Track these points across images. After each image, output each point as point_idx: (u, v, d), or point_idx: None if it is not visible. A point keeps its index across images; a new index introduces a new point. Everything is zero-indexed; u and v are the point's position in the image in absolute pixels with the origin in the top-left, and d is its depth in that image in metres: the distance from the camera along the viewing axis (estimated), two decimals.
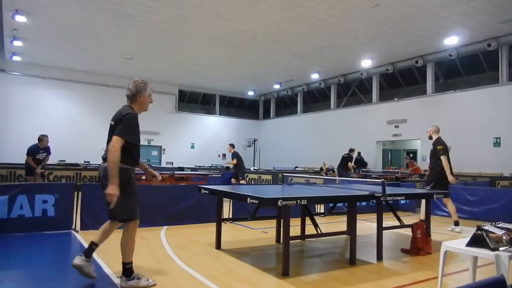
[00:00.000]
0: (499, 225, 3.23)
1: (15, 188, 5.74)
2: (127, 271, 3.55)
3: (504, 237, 3.04)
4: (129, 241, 3.59)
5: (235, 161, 12.05)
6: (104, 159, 3.50)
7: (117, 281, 3.67)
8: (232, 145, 12.49)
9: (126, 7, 11.22)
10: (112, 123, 3.54)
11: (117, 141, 3.36)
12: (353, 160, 14.04)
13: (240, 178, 12.22)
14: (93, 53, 16.08)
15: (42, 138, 9.06)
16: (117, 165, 3.33)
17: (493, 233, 3.08)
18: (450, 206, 7.00)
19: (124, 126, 3.42)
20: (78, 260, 3.48)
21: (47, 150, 9.19)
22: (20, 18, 11.92)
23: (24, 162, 9.15)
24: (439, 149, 6.94)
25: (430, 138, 7.34)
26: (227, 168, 13.12)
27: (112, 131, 3.50)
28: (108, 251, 4.78)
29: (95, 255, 4.60)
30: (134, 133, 3.52)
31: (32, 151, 8.93)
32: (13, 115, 17.70)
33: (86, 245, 5.04)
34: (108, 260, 4.37)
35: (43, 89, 18.41)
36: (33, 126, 17.95)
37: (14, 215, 5.59)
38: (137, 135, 3.59)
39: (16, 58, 16.68)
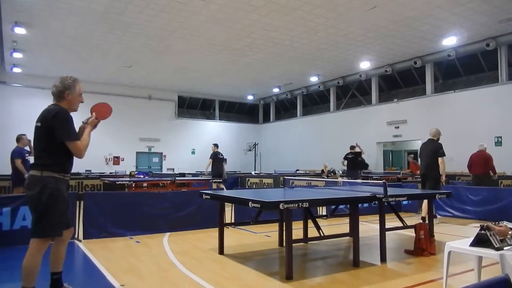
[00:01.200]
0: (501, 223, 3.22)
1: (17, 199, 5.73)
2: None
3: (510, 232, 3.03)
4: (32, 262, 3.09)
5: (210, 161, 11.67)
6: (30, 166, 3.24)
7: None
8: (215, 145, 12.20)
9: (125, 16, 11.28)
10: (39, 124, 3.17)
11: (75, 147, 3.17)
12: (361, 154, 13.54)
13: (214, 180, 11.58)
14: (92, 63, 16.14)
15: (21, 137, 8.15)
16: (88, 141, 3.32)
17: (499, 226, 3.06)
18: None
19: (66, 127, 3.15)
20: None
21: (28, 152, 8.26)
22: (20, 30, 11.96)
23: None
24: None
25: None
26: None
27: (39, 134, 3.18)
28: (113, 261, 4.78)
29: (99, 264, 4.61)
30: (75, 130, 3.25)
31: (21, 153, 7.98)
32: (14, 127, 17.65)
33: (89, 255, 5.07)
34: (113, 271, 4.36)
35: (43, 100, 18.21)
36: None
37: (17, 227, 5.58)
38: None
39: (16, 69, 16.74)
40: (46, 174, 3.11)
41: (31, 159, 8.11)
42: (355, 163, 13.26)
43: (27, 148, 8.29)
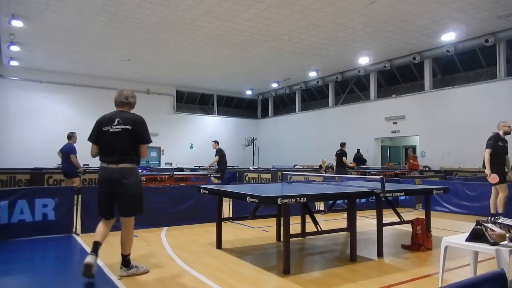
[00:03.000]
0: (499, 220, 3.23)
1: (15, 193, 5.72)
2: (127, 262, 3.94)
3: (507, 235, 3.04)
4: (130, 234, 3.99)
5: (217, 158, 11.38)
6: (117, 161, 3.86)
7: (119, 284, 3.68)
8: (216, 142, 11.88)
9: (123, 10, 11.21)
10: (129, 127, 3.90)
11: (145, 149, 4.06)
12: (347, 154, 13.44)
13: (219, 175, 11.40)
14: (90, 56, 16.06)
15: (72, 135, 9.12)
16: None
17: (493, 231, 3.08)
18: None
19: (148, 133, 4.05)
20: (91, 259, 3.66)
21: None
22: (17, 23, 11.88)
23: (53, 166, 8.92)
24: None
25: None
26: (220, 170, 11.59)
27: (128, 135, 3.89)
28: (111, 254, 4.79)
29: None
30: None
31: (75, 149, 8.92)
32: (12, 120, 17.67)
33: (87, 248, 5.08)
34: (111, 264, 4.37)
35: (41, 93, 18.39)
36: (32, 131, 17.95)
37: (15, 220, 5.57)
38: None
39: (13, 63, 16.64)
40: (135, 166, 3.98)
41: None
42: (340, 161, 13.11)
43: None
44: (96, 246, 3.77)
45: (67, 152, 8.94)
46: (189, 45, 14.58)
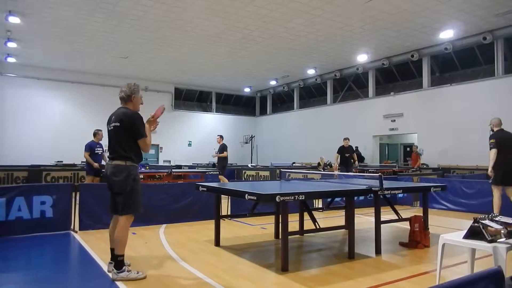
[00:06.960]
0: (496, 218, 3.24)
1: (12, 190, 5.71)
2: (119, 263, 3.72)
3: (502, 231, 3.06)
4: (124, 234, 3.76)
5: (225, 153, 11.72)
6: (112, 158, 3.85)
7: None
8: (221, 137, 12.15)
9: (120, 6, 11.16)
10: (118, 124, 3.80)
11: (144, 143, 3.84)
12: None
13: (219, 172, 11.62)
14: (88, 53, 15.98)
15: (97, 133, 9.24)
16: (150, 137, 3.91)
17: (491, 227, 3.09)
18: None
19: (139, 127, 3.82)
20: (112, 275, 3.70)
21: (101, 146, 9.24)
22: (14, 19, 11.80)
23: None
24: (490, 142, 6.60)
25: (492, 131, 6.79)
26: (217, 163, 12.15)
27: (118, 132, 3.80)
28: (109, 252, 4.78)
29: (95, 255, 4.62)
30: (144, 129, 3.90)
31: (90, 146, 9.09)
32: (9, 117, 17.60)
33: (85, 246, 5.08)
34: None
35: (38, 90, 18.31)
36: (30, 128, 17.89)
37: (12, 217, 5.57)
38: None
39: (10, 59, 16.54)
40: (128, 163, 3.80)
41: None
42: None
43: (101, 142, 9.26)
44: (111, 253, 3.86)
45: (84, 149, 9.21)
46: (187, 43, 14.53)
